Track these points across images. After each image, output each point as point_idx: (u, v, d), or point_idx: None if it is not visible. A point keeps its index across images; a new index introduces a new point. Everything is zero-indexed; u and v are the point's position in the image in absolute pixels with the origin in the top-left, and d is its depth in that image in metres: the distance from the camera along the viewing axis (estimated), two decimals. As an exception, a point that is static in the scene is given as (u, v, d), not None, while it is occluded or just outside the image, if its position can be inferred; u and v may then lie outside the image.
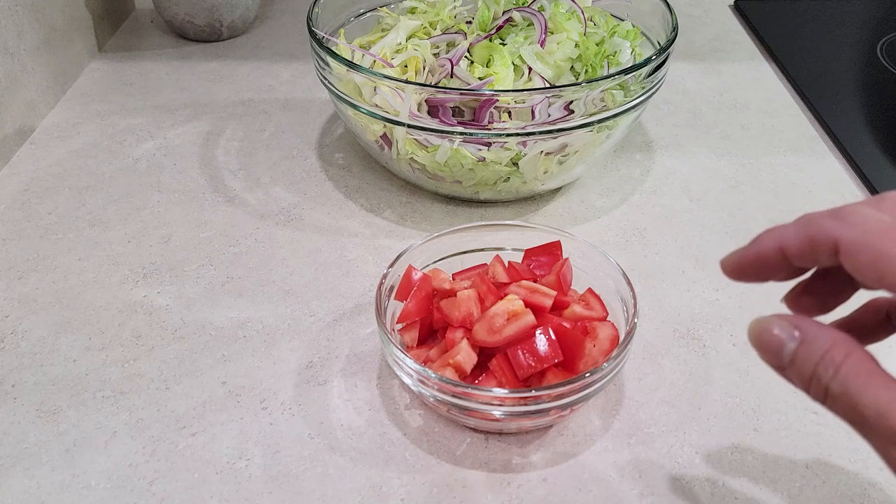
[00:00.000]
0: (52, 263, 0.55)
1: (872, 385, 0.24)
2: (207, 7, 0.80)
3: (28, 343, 0.49)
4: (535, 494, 0.40)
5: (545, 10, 0.61)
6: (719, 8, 0.92)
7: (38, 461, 0.42)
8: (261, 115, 0.72)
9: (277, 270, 0.54)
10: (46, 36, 0.71)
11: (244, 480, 0.41)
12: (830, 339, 0.25)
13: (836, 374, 0.24)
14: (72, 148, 0.67)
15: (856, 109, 0.72)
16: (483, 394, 0.39)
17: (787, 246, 0.28)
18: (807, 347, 0.25)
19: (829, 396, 0.25)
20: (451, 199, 0.61)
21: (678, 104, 0.74)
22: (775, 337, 0.26)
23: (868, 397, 0.23)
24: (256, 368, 0.47)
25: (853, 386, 0.24)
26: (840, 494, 0.40)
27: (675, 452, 0.42)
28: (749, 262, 0.29)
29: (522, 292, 0.43)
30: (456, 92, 0.51)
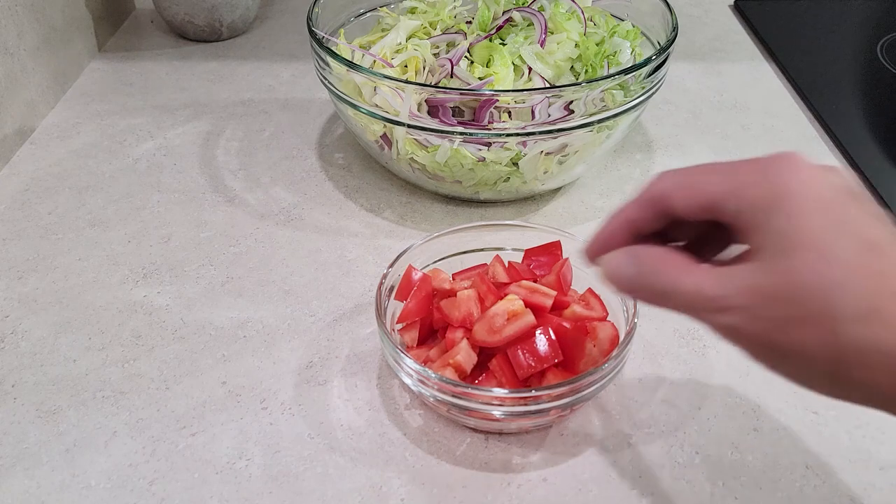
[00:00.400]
0: (52, 263, 0.55)
1: (689, 274, 0.30)
2: (207, 7, 0.80)
3: (28, 343, 0.49)
4: (536, 495, 0.40)
5: (545, 10, 0.60)
6: (719, 8, 0.92)
7: (38, 461, 0.42)
8: (261, 115, 0.72)
9: (277, 270, 0.54)
10: (46, 36, 0.71)
11: (244, 480, 0.41)
12: (653, 253, 0.32)
13: (666, 277, 0.30)
14: (72, 148, 0.67)
15: (856, 109, 0.72)
16: (483, 394, 0.39)
17: (630, 216, 0.33)
18: (640, 266, 0.31)
19: (664, 296, 0.31)
20: (451, 199, 0.61)
21: (678, 104, 0.74)
22: (616, 268, 0.32)
23: (687, 283, 0.30)
24: (256, 368, 0.47)
25: (676, 279, 0.30)
26: (840, 494, 0.40)
27: (675, 452, 0.42)
28: (604, 242, 0.34)
29: (522, 292, 0.43)
30: (456, 92, 0.51)
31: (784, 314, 0.27)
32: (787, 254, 0.28)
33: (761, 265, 0.28)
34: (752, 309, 0.28)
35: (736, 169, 0.30)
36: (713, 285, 0.29)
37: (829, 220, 0.27)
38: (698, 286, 0.29)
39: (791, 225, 0.28)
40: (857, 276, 0.27)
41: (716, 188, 0.30)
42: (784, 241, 0.28)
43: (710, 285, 0.29)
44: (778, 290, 0.27)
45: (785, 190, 0.28)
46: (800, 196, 0.28)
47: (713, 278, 0.29)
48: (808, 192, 0.28)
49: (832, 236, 0.27)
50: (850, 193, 0.29)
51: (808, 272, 0.27)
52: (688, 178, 0.31)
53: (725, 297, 0.28)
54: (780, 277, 0.27)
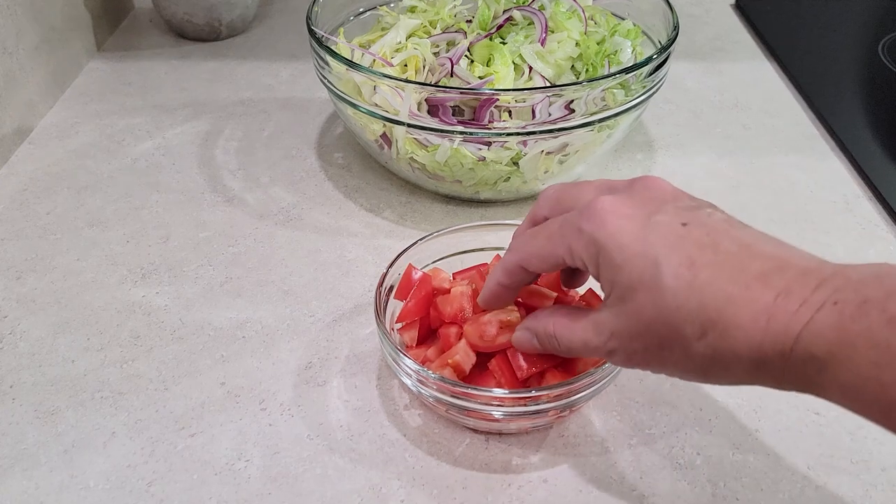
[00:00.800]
0: (51, 263, 0.54)
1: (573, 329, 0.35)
2: (206, 6, 0.80)
3: (26, 343, 0.48)
4: (536, 496, 0.40)
5: (546, 8, 0.60)
6: (720, 7, 0.92)
7: (37, 462, 0.41)
8: (260, 114, 0.71)
9: (276, 270, 0.54)
10: (45, 35, 0.71)
11: (243, 481, 0.40)
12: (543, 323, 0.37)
13: (558, 338, 0.36)
14: (70, 148, 0.67)
15: (857, 109, 0.71)
16: (482, 394, 0.38)
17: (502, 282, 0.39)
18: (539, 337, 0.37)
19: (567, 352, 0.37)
20: (451, 199, 0.61)
21: (679, 104, 0.73)
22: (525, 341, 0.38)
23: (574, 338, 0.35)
24: (255, 369, 0.47)
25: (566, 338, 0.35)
26: (841, 495, 0.40)
27: (676, 453, 0.42)
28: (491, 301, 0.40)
29: (523, 294, 0.42)
30: (456, 91, 0.51)
31: (647, 345, 0.32)
32: (625, 299, 0.32)
33: (613, 311, 0.33)
34: (624, 348, 0.33)
35: (564, 231, 0.34)
36: (592, 337, 0.34)
37: (645, 256, 0.31)
38: (584, 340, 0.34)
39: (617, 274, 0.32)
40: (685, 299, 0.30)
41: (557, 253, 0.35)
42: (618, 288, 0.32)
43: (590, 337, 0.34)
44: (633, 330, 0.32)
45: (600, 245, 0.32)
46: (612, 246, 0.32)
47: (591, 331, 0.34)
48: (619, 240, 0.32)
49: (652, 270, 0.31)
50: (661, 214, 0.32)
51: (646, 311, 0.31)
52: (533, 249, 0.36)
53: (605, 344, 0.33)
54: (630, 319, 0.32)
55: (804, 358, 0.28)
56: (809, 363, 0.28)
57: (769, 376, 0.30)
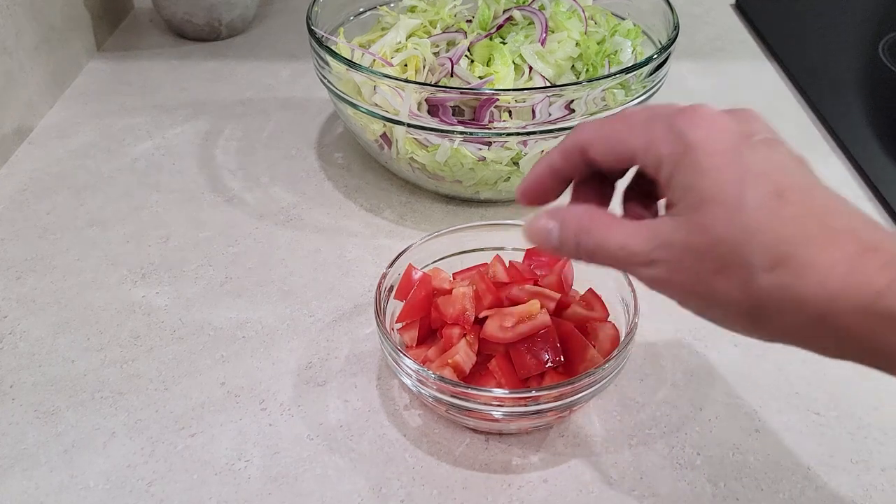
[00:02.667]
0: (51, 263, 0.54)
1: (613, 231, 0.31)
2: (206, 6, 0.80)
3: (26, 343, 0.48)
4: (536, 496, 0.40)
5: (546, 8, 0.60)
6: (721, 7, 0.92)
7: (37, 462, 0.41)
8: (260, 114, 0.71)
9: (276, 270, 0.54)
10: (45, 35, 0.71)
11: (243, 482, 0.40)
12: (577, 213, 0.32)
13: (590, 236, 0.31)
14: (70, 148, 0.67)
15: (858, 109, 0.71)
16: (482, 394, 0.38)
17: (554, 163, 0.34)
18: (564, 230, 0.32)
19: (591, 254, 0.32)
20: (451, 199, 0.61)
21: (679, 103, 0.73)
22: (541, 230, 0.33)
23: (613, 241, 0.31)
24: (255, 369, 0.47)
25: (602, 238, 0.31)
26: (841, 496, 0.40)
27: (676, 453, 0.42)
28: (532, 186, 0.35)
29: (525, 295, 0.42)
30: (456, 91, 0.51)
31: (702, 266, 0.28)
32: (698, 209, 0.28)
33: (678, 220, 0.29)
34: (673, 262, 0.29)
35: (650, 122, 0.31)
36: (637, 241, 0.30)
37: (735, 170, 0.28)
38: (623, 242, 0.30)
39: (698, 180, 0.28)
40: (765, 225, 0.27)
41: (631, 143, 0.31)
42: (694, 195, 0.29)
43: (634, 241, 0.30)
44: (694, 244, 0.28)
45: (690, 144, 0.29)
46: (703, 150, 0.29)
47: (637, 234, 0.30)
48: (712, 146, 0.29)
49: (738, 187, 0.28)
50: (760, 140, 0.30)
51: (719, 226, 0.28)
52: (605, 131, 0.32)
53: (649, 253, 0.30)
54: (695, 232, 0.28)
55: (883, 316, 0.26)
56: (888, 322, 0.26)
57: (830, 334, 0.28)
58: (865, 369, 0.28)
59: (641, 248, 0.30)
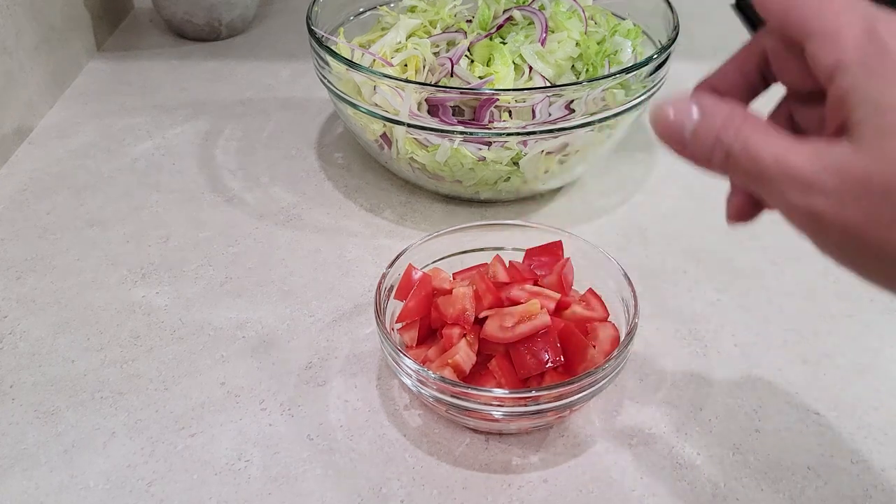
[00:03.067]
0: (51, 263, 0.54)
1: (770, 138, 0.25)
2: (206, 6, 0.80)
3: (26, 343, 0.48)
4: (536, 496, 0.40)
5: (546, 8, 0.60)
6: (721, 7, 0.92)
7: (37, 462, 0.41)
8: (260, 114, 0.71)
9: (276, 270, 0.54)
10: (45, 35, 0.71)
11: (243, 482, 0.40)
12: (728, 107, 0.27)
13: (738, 134, 0.26)
14: (70, 148, 0.67)
15: (857, 108, 0.71)
16: (482, 394, 0.38)
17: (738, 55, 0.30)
18: (707, 119, 0.27)
19: (731, 157, 0.26)
20: (451, 199, 0.61)
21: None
22: (675, 115, 0.27)
23: (766, 149, 0.25)
24: (255, 369, 0.47)
25: (752, 141, 0.25)
26: (842, 495, 0.40)
27: (676, 453, 0.42)
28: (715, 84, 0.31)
29: (525, 295, 0.42)
30: (456, 91, 0.51)
31: (883, 208, 0.23)
32: (887, 133, 0.23)
33: (862, 145, 0.24)
34: (843, 194, 0.24)
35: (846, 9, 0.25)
36: (799, 158, 0.24)
37: None
38: (780, 156, 0.25)
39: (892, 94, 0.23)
40: None
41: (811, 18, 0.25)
42: (889, 117, 0.23)
43: (795, 158, 0.24)
44: (879, 177, 0.23)
45: (889, 50, 0.24)
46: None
47: (800, 150, 0.24)
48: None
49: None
50: None
51: None
52: None
53: (813, 174, 0.24)
54: (883, 162, 0.23)
55: None
56: None
57: None
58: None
59: (804, 166, 0.24)
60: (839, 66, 0.25)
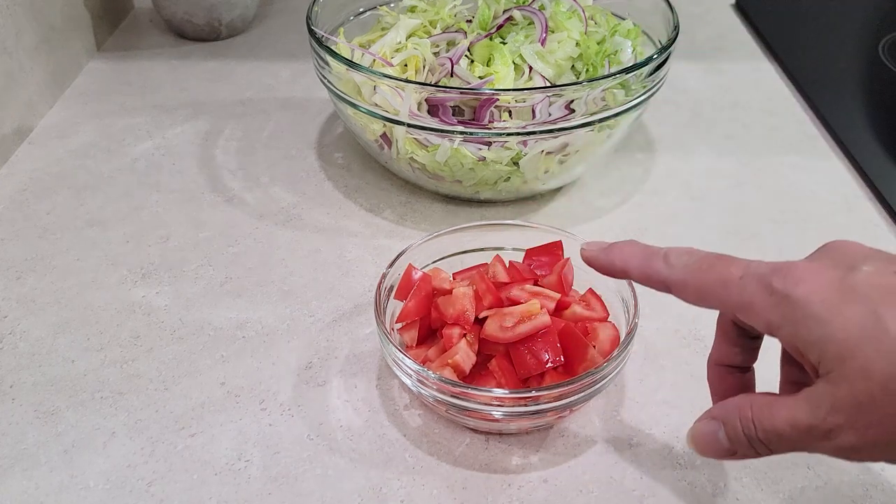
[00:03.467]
0: (51, 263, 0.54)
1: (775, 410, 0.29)
2: (206, 6, 0.80)
3: (26, 343, 0.48)
4: (536, 496, 0.40)
5: (546, 8, 0.60)
6: (721, 7, 0.92)
7: (37, 462, 0.41)
8: (260, 114, 0.71)
9: (276, 270, 0.54)
10: (45, 35, 0.71)
11: (243, 482, 0.40)
12: (736, 404, 0.31)
13: (756, 425, 0.30)
14: (70, 147, 0.67)
15: (858, 109, 0.71)
16: (482, 394, 0.38)
17: (630, 270, 0.34)
18: (729, 424, 0.31)
19: (766, 443, 0.30)
20: (451, 199, 0.61)
21: (679, 103, 0.73)
22: (707, 435, 0.32)
23: (778, 421, 0.29)
24: (255, 369, 0.47)
25: (767, 422, 0.29)
26: (842, 495, 0.40)
27: (676, 454, 0.42)
28: (599, 264, 0.36)
29: (525, 295, 0.42)
30: (456, 91, 0.51)
31: (888, 411, 0.26)
32: (845, 358, 0.27)
33: (832, 377, 0.27)
34: (854, 422, 0.27)
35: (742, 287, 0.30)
36: (804, 415, 0.28)
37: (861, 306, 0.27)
38: (791, 421, 0.28)
39: (827, 330, 0.27)
40: None
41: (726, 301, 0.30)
42: (832, 347, 0.27)
43: (801, 416, 0.28)
44: (864, 392, 0.26)
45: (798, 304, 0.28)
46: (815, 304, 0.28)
47: (800, 407, 0.28)
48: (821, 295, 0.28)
49: (873, 319, 0.27)
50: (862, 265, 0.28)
51: (877, 365, 0.26)
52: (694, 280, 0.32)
53: (823, 420, 0.28)
54: (855, 384, 0.27)
55: None
56: None
57: None
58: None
59: (811, 419, 0.28)
60: (770, 328, 0.29)
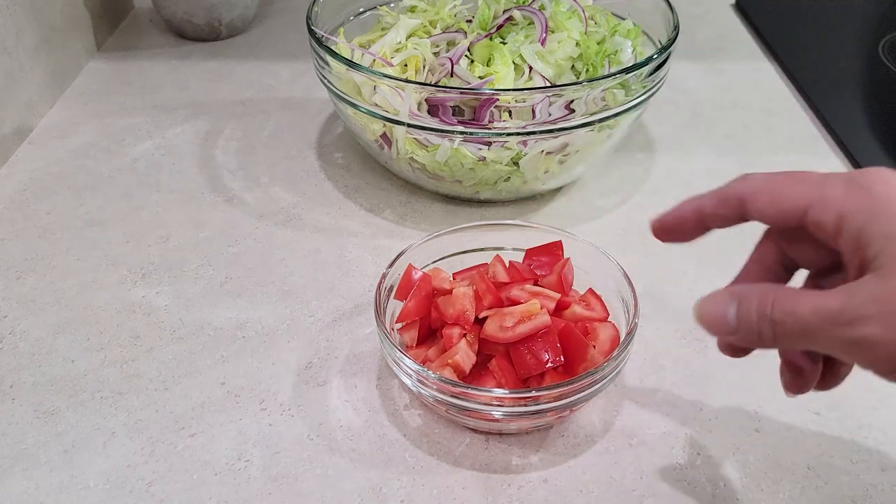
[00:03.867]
0: (51, 263, 0.54)
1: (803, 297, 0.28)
2: (206, 6, 0.80)
3: (26, 343, 0.48)
4: (536, 496, 0.40)
5: (546, 8, 0.60)
6: (721, 7, 0.92)
7: (37, 462, 0.41)
8: (260, 114, 0.71)
9: (276, 270, 0.54)
10: (45, 35, 0.71)
11: (243, 482, 0.40)
12: (758, 286, 0.31)
13: (776, 304, 0.29)
14: (70, 148, 0.67)
15: (857, 109, 0.71)
16: (482, 394, 0.38)
17: (704, 207, 0.33)
18: (745, 303, 0.30)
19: (777, 324, 0.29)
20: (451, 199, 0.61)
21: (679, 103, 0.73)
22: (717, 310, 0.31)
23: (804, 305, 0.28)
24: (255, 369, 0.47)
25: (789, 304, 0.29)
26: (842, 495, 0.40)
27: (676, 454, 0.42)
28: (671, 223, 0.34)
29: (525, 295, 0.42)
30: (456, 91, 0.51)
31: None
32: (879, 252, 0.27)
33: (884, 271, 0.27)
34: (885, 316, 0.26)
35: (825, 180, 0.30)
36: (835, 301, 0.27)
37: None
38: (818, 305, 0.28)
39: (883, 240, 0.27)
40: None
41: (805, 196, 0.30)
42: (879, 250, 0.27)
43: (832, 302, 0.27)
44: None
45: (879, 196, 0.28)
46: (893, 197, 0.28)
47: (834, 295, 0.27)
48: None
49: None
50: None
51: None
52: (771, 185, 0.31)
53: (852, 309, 0.27)
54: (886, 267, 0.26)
55: None
56: None
57: None
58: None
59: (842, 305, 0.27)
60: (841, 218, 0.28)
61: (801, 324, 0.28)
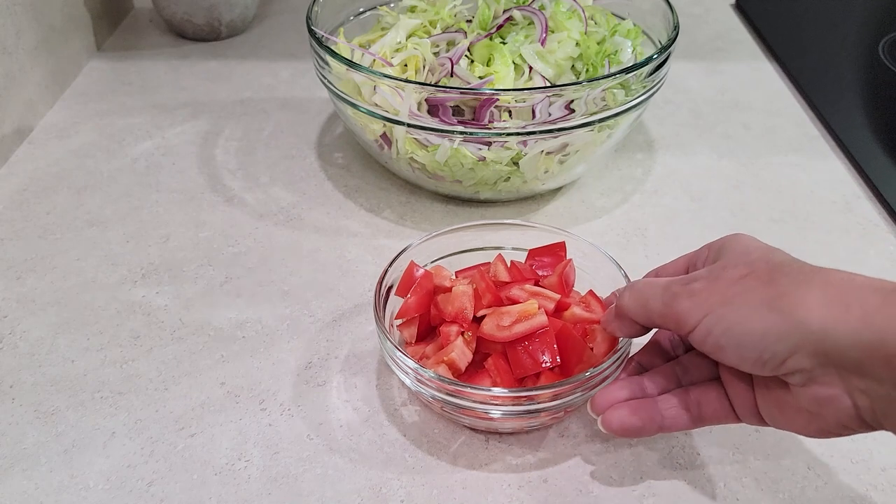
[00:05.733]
0: (51, 263, 0.54)
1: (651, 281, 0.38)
2: (206, 6, 0.80)
3: (26, 343, 0.48)
4: (536, 496, 0.40)
5: (546, 8, 0.60)
6: (721, 7, 0.92)
7: (37, 462, 0.41)
8: (260, 114, 0.71)
9: (276, 270, 0.54)
10: (45, 35, 0.71)
11: (243, 482, 0.40)
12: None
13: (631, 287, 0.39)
14: (70, 147, 0.67)
15: (857, 109, 0.71)
16: (476, 392, 0.38)
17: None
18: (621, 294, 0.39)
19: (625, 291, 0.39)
20: (451, 199, 0.61)
21: (679, 103, 0.73)
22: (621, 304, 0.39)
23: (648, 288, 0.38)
24: (255, 369, 0.47)
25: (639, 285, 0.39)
26: (842, 496, 0.40)
27: (676, 454, 0.42)
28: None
29: (524, 295, 0.42)
30: (456, 91, 0.51)
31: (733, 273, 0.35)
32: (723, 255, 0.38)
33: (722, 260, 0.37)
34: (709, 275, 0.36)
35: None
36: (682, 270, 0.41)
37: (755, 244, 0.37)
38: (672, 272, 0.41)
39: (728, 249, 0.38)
40: None
41: None
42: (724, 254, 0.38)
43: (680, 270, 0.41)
44: (726, 263, 0.36)
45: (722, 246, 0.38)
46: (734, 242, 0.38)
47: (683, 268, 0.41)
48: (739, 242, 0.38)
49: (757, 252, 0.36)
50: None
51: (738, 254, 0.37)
52: None
53: (693, 275, 0.36)
54: (725, 259, 0.37)
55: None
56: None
57: None
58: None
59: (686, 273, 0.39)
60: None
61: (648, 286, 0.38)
